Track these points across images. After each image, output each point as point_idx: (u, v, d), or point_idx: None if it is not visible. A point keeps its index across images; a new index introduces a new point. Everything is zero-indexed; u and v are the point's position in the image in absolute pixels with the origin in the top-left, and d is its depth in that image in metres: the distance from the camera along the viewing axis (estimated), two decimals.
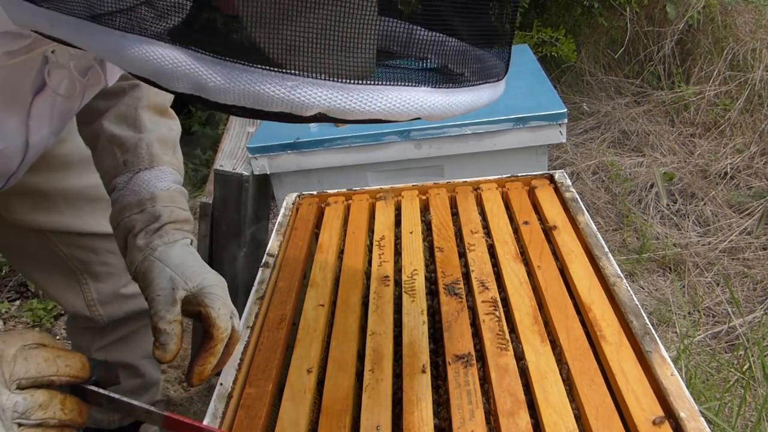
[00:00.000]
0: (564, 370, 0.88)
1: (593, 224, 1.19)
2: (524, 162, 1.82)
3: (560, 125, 1.76)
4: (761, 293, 2.43)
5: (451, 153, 1.82)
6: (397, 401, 0.88)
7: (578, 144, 3.49)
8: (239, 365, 0.96)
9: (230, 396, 0.91)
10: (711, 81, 3.61)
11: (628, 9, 3.73)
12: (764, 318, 2.27)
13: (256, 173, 1.88)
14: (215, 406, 0.89)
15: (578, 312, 0.99)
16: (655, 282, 2.53)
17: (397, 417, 0.85)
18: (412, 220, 1.29)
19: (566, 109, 1.77)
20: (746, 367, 1.97)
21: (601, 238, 1.15)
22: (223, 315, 0.88)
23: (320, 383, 0.92)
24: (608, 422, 0.78)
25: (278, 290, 1.15)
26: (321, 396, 0.89)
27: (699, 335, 2.21)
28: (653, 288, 2.50)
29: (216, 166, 2.00)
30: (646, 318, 0.95)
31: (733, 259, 2.62)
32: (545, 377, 0.86)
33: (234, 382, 0.93)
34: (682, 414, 0.77)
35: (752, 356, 1.98)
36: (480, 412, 0.82)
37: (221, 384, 0.93)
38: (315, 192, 1.46)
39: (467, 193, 1.36)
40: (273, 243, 1.28)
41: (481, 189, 1.37)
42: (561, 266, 1.10)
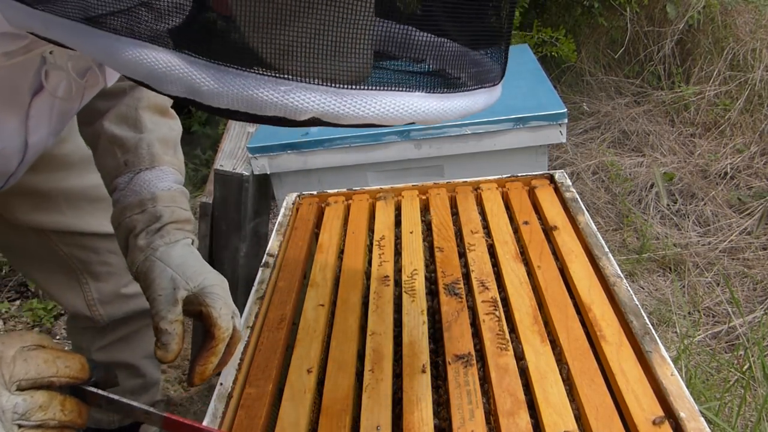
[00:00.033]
0: (564, 370, 0.88)
1: (593, 224, 1.19)
2: (524, 162, 1.82)
3: (560, 125, 1.76)
4: (761, 293, 2.43)
5: (451, 153, 1.82)
6: (397, 401, 0.88)
7: (578, 144, 3.49)
8: (239, 365, 0.96)
9: (230, 396, 0.91)
10: (711, 81, 3.61)
11: (628, 9, 3.73)
12: (764, 318, 2.27)
13: (256, 173, 1.88)
14: (215, 406, 0.89)
15: (578, 312, 0.99)
16: (655, 282, 2.53)
17: (397, 417, 0.85)
18: (412, 220, 1.29)
19: (566, 109, 1.77)
20: (746, 367, 1.97)
21: (601, 238, 1.15)
22: (225, 315, 0.88)
23: (320, 383, 0.92)
24: (608, 422, 0.78)
25: (278, 290, 1.15)
26: (321, 396, 0.90)
27: (699, 335, 2.21)
28: (653, 288, 2.50)
29: (216, 166, 2.00)
30: (646, 318, 0.95)
31: (733, 259, 2.62)
32: (545, 377, 0.86)
33: (234, 382, 0.93)
34: (682, 414, 0.77)
35: (752, 356, 1.98)
36: (480, 412, 0.82)
37: (221, 384, 0.93)
38: (315, 192, 1.46)
39: (467, 193, 1.36)
40: (273, 243, 1.28)
41: (481, 189, 1.37)
42: (561, 266, 1.10)
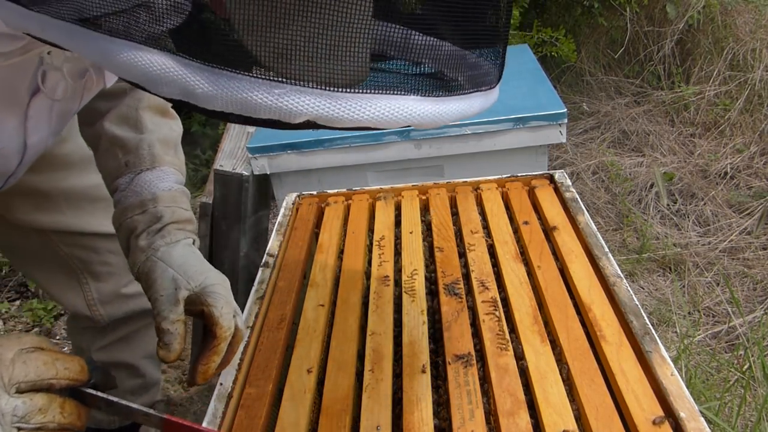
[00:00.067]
0: (564, 370, 0.88)
1: (593, 224, 1.19)
2: (524, 162, 1.82)
3: (560, 125, 1.76)
4: (761, 293, 2.43)
5: (451, 153, 1.82)
6: (397, 401, 0.88)
7: (578, 144, 3.49)
8: (239, 365, 0.96)
9: (230, 396, 0.91)
10: (711, 81, 3.61)
11: (628, 9, 3.73)
12: (764, 318, 2.27)
13: (256, 173, 1.88)
14: (215, 406, 0.89)
15: (578, 312, 0.99)
16: (655, 282, 2.53)
17: (397, 417, 0.85)
18: (412, 220, 1.29)
19: (566, 109, 1.77)
20: (746, 367, 1.97)
21: (601, 238, 1.15)
22: (226, 314, 0.88)
23: (320, 383, 0.92)
24: (608, 422, 0.78)
25: (278, 290, 1.15)
26: (321, 396, 0.90)
27: (699, 335, 2.21)
28: (653, 288, 2.50)
29: (216, 166, 2.00)
30: (646, 318, 0.95)
31: (733, 259, 2.62)
32: (545, 377, 0.86)
33: (234, 382, 0.93)
34: (682, 414, 0.77)
35: (752, 356, 1.98)
36: (480, 412, 0.82)
37: (221, 384, 0.93)
38: (315, 192, 1.46)
39: (467, 193, 1.36)
40: (273, 243, 1.28)
41: (481, 189, 1.37)
42: (561, 266, 1.10)
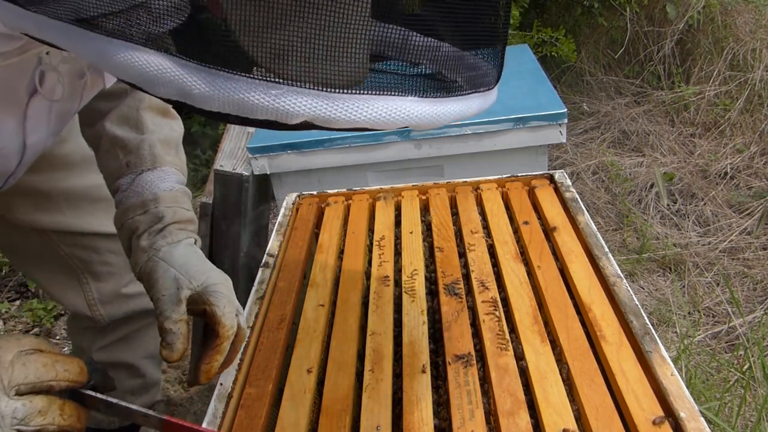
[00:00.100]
0: (564, 370, 0.88)
1: (593, 224, 1.19)
2: (524, 162, 1.82)
3: (560, 125, 1.76)
4: (761, 293, 2.43)
5: (451, 153, 1.82)
6: (397, 401, 0.88)
7: (578, 144, 3.49)
8: (239, 365, 0.96)
9: (230, 396, 0.91)
10: (711, 81, 3.61)
11: (628, 9, 3.73)
12: (764, 318, 2.27)
13: (256, 173, 1.88)
14: (215, 406, 0.89)
15: (578, 312, 0.99)
16: (655, 282, 2.53)
17: (397, 417, 0.85)
18: (412, 220, 1.29)
19: (566, 109, 1.77)
20: (746, 367, 1.97)
21: (601, 238, 1.15)
22: (229, 313, 0.88)
23: (320, 383, 0.92)
24: (608, 422, 0.78)
25: (278, 290, 1.15)
26: (321, 396, 0.90)
27: (699, 335, 2.21)
28: (653, 288, 2.50)
29: (216, 166, 2.00)
30: (646, 318, 0.95)
31: (733, 259, 2.62)
32: (545, 377, 0.86)
33: (234, 382, 0.93)
34: (682, 414, 0.77)
35: (752, 356, 1.98)
36: (480, 412, 0.82)
37: (221, 384, 0.93)
38: (315, 192, 1.46)
39: (467, 193, 1.36)
40: (273, 243, 1.28)
41: (481, 189, 1.37)
42: (561, 266, 1.10)
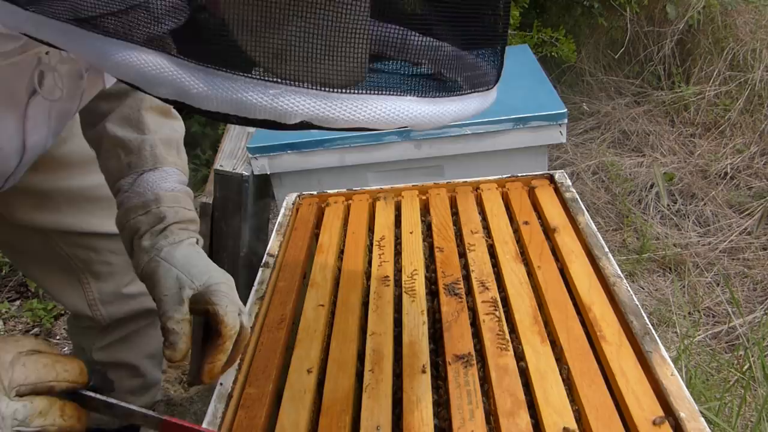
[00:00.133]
0: (564, 370, 0.88)
1: (593, 224, 1.19)
2: (524, 162, 1.82)
3: (560, 125, 1.76)
4: (761, 293, 2.43)
5: (451, 153, 1.82)
6: (397, 401, 0.88)
7: (578, 144, 3.49)
8: (239, 365, 0.96)
9: (230, 396, 0.91)
10: (711, 81, 3.61)
11: (628, 9, 3.73)
12: (764, 318, 2.27)
13: (256, 173, 1.88)
14: (215, 407, 0.89)
15: (578, 312, 0.99)
16: (655, 282, 2.53)
17: (397, 417, 0.85)
18: (412, 220, 1.29)
19: (566, 109, 1.77)
20: (746, 367, 1.97)
21: (601, 238, 1.15)
22: (231, 312, 0.88)
23: (320, 383, 0.92)
24: (608, 422, 0.78)
25: (278, 290, 1.15)
26: (321, 396, 0.90)
27: (699, 335, 2.21)
28: (653, 288, 2.50)
29: (216, 166, 2.00)
30: (646, 318, 0.95)
31: (733, 259, 2.62)
32: (545, 377, 0.86)
33: (234, 382, 0.93)
34: (682, 414, 0.77)
35: (752, 356, 1.98)
36: (480, 412, 0.82)
37: (221, 384, 0.93)
38: (315, 192, 1.46)
39: (467, 193, 1.36)
40: (273, 243, 1.28)
41: (481, 189, 1.37)
42: (561, 266, 1.10)
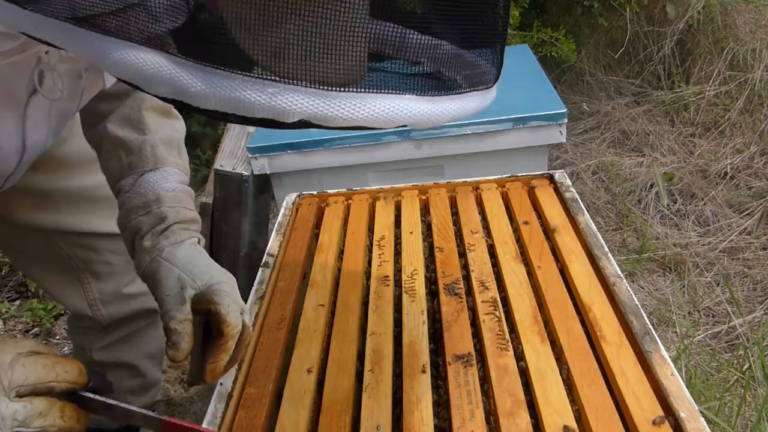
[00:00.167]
0: (564, 370, 0.88)
1: (593, 224, 1.19)
2: (524, 162, 1.82)
3: (560, 125, 1.76)
4: (761, 293, 2.43)
5: (451, 153, 1.82)
6: (397, 401, 0.88)
7: (578, 144, 3.49)
8: (239, 365, 0.96)
9: (230, 396, 0.91)
10: (711, 81, 3.61)
11: (628, 9, 3.73)
12: (764, 318, 2.27)
13: (256, 173, 1.88)
14: (215, 407, 0.89)
15: (578, 312, 0.99)
16: (655, 282, 2.53)
17: (397, 417, 0.85)
18: (412, 220, 1.29)
19: (566, 109, 1.77)
20: (746, 367, 1.97)
21: (601, 238, 1.15)
22: (233, 311, 0.88)
23: (320, 383, 0.92)
24: (608, 422, 0.78)
25: (278, 290, 1.15)
26: (321, 396, 0.90)
27: (699, 335, 2.21)
28: (653, 288, 2.50)
29: (216, 166, 2.00)
30: (646, 318, 0.95)
31: (733, 259, 2.62)
32: (545, 377, 0.86)
33: (234, 382, 0.93)
34: (682, 414, 0.77)
35: (752, 356, 1.98)
36: (480, 412, 0.82)
37: (221, 384, 0.93)
38: (315, 192, 1.46)
39: (467, 193, 1.36)
40: (273, 243, 1.28)
41: (481, 189, 1.37)
42: (561, 266, 1.10)
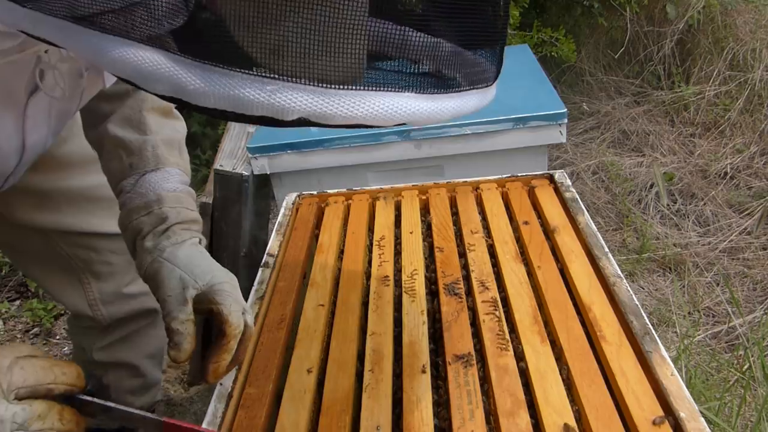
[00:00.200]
0: (564, 370, 0.88)
1: (593, 224, 1.19)
2: (524, 162, 1.82)
3: (560, 125, 1.76)
4: (761, 293, 2.43)
5: (451, 153, 1.82)
6: (397, 401, 0.88)
7: (578, 144, 3.49)
8: (239, 365, 0.96)
9: (230, 396, 0.91)
10: (711, 81, 3.61)
11: (628, 9, 3.73)
12: (764, 318, 2.27)
13: (256, 173, 1.88)
14: (215, 407, 0.89)
15: (578, 312, 0.99)
16: (655, 282, 2.53)
17: (397, 417, 0.85)
18: (412, 220, 1.29)
19: (566, 109, 1.77)
20: (746, 367, 1.97)
21: (601, 238, 1.15)
22: (235, 311, 0.87)
23: (320, 383, 0.92)
24: (608, 422, 0.78)
25: (278, 290, 1.15)
26: (321, 396, 0.90)
27: (699, 335, 2.21)
28: (653, 288, 2.50)
29: (216, 166, 2.00)
30: (646, 318, 0.95)
31: (733, 259, 2.62)
32: (545, 377, 0.86)
33: (234, 382, 0.93)
34: (682, 414, 0.77)
35: (752, 356, 1.98)
36: (480, 412, 0.82)
37: (221, 384, 0.93)
38: (315, 192, 1.46)
39: (467, 193, 1.36)
40: (273, 243, 1.28)
41: (481, 189, 1.37)
42: (561, 266, 1.10)
